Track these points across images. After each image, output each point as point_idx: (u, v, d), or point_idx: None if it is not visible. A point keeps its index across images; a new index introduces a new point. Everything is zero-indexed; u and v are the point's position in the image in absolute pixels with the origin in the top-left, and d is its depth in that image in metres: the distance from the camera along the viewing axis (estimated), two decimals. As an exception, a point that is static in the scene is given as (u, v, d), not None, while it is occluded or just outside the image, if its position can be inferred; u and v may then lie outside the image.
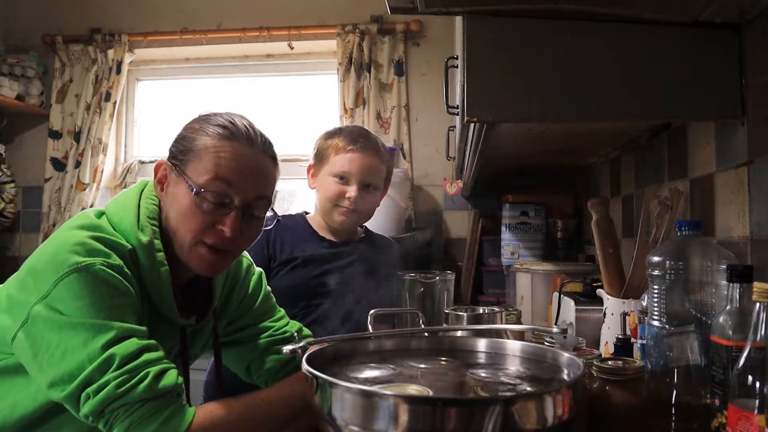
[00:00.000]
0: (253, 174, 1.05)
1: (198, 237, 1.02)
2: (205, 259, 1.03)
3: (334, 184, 1.60)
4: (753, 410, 0.75)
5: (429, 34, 3.04)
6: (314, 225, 1.68)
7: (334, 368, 0.94)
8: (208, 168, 1.01)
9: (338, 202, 1.60)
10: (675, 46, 1.14)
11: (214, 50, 3.20)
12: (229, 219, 1.02)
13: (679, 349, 0.99)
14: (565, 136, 1.64)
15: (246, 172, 1.04)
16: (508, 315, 1.59)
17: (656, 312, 1.05)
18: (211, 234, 1.02)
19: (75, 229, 0.98)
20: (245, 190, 1.03)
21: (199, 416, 0.93)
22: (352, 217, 1.62)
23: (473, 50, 1.13)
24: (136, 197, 1.06)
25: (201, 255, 1.03)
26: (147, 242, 1.01)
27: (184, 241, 1.03)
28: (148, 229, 1.02)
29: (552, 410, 0.76)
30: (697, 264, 1.03)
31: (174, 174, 1.05)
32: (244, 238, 1.07)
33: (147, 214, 1.04)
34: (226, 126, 1.05)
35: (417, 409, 0.74)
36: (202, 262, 1.04)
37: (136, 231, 1.01)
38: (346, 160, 1.60)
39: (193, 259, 1.04)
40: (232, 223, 1.02)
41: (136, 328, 0.94)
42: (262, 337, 1.25)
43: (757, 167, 1.08)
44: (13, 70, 3.13)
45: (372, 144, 1.63)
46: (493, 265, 2.75)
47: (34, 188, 3.21)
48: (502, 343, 1.08)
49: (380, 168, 1.65)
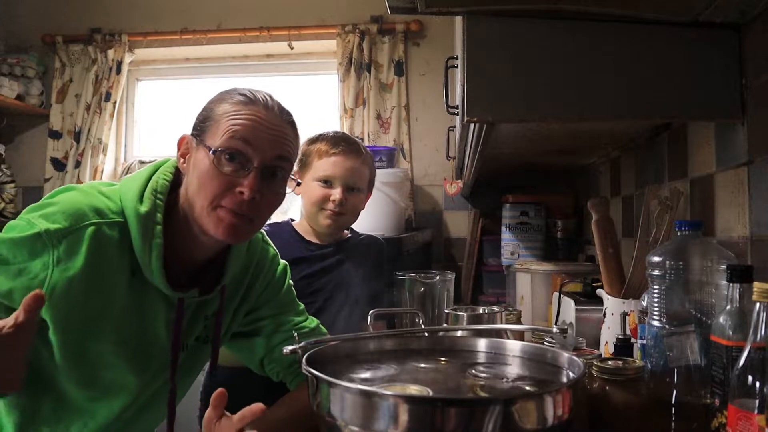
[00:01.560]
0: (271, 134, 1.03)
1: (216, 200, 1.00)
2: (223, 222, 1.01)
3: (318, 188, 1.62)
4: (753, 410, 0.75)
5: (429, 34, 3.04)
6: (300, 230, 1.69)
7: (334, 368, 0.94)
8: (225, 129, 1.01)
9: (323, 206, 1.62)
10: (675, 46, 1.14)
11: (214, 50, 3.20)
12: (247, 180, 1.00)
13: (679, 349, 0.99)
14: (565, 136, 1.64)
15: (264, 132, 1.02)
16: (508, 315, 1.59)
17: (656, 312, 1.05)
18: (230, 197, 1.00)
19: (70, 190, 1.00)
20: (264, 150, 1.02)
21: None
22: (337, 220, 1.64)
23: (473, 50, 1.13)
24: (149, 171, 1.07)
25: (219, 218, 1.01)
26: (144, 213, 1.00)
27: (203, 207, 1.01)
28: (149, 201, 1.01)
29: (552, 410, 0.76)
30: (697, 264, 1.03)
31: (194, 144, 1.05)
32: (265, 202, 1.04)
33: (154, 187, 1.03)
34: (245, 93, 1.05)
35: (417, 409, 0.74)
36: (221, 226, 1.01)
37: (136, 202, 1.00)
38: (329, 164, 1.62)
39: (212, 224, 1.01)
40: (250, 184, 1.00)
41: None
42: (281, 330, 1.24)
43: (757, 167, 1.08)
44: (13, 70, 3.13)
45: (354, 147, 1.66)
46: (493, 265, 2.75)
47: (34, 188, 3.21)
48: (502, 343, 1.08)
49: (363, 170, 1.67)
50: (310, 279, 1.61)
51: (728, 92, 1.13)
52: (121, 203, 1.02)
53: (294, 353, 0.92)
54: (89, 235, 0.95)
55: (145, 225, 0.99)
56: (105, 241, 0.97)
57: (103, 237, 0.97)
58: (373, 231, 1.92)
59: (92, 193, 1.02)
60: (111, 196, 1.03)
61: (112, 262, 0.98)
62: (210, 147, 1.01)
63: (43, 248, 0.93)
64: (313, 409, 0.84)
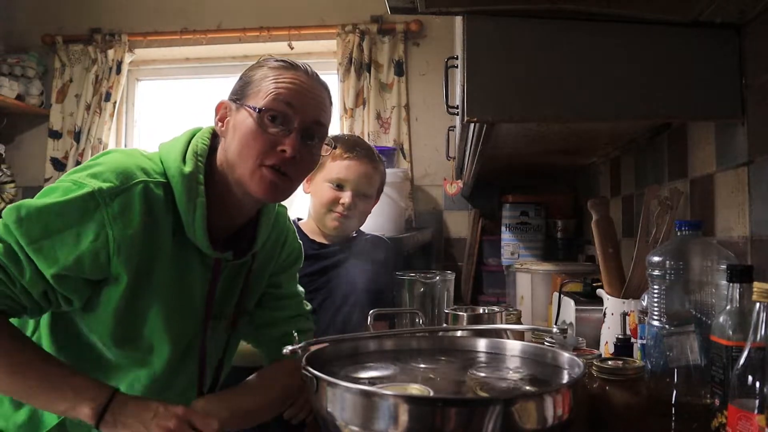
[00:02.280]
0: (312, 99, 1.08)
1: (260, 159, 1.04)
2: (266, 180, 1.05)
3: (329, 190, 1.63)
4: (753, 410, 0.75)
5: (429, 34, 3.04)
6: (306, 229, 1.70)
7: (334, 368, 0.94)
8: (268, 91, 1.05)
9: (332, 208, 1.63)
10: (675, 46, 1.14)
11: (214, 50, 3.20)
12: (289, 139, 1.04)
13: (679, 349, 0.99)
14: (565, 136, 1.64)
15: (305, 95, 1.07)
16: (508, 315, 1.59)
17: (656, 312, 1.05)
18: (273, 155, 1.04)
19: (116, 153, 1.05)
20: (305, 112, 1.06)
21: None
22: (344, 222, 1.65)
23: (473, 50, 1.13)
24: (188, 136, 1.11)
25: (263, 176, 1.05)
26: (188, 173, 1.03)
27: (247, 165, 1.05)
28: (192, 162, 1.05)
29: (552, 410, 0.76)
30: (697, 264, 1.03)
31: (234, 107, 1.09)
32: (303, 163, 1.08)
33: (195, 150, 1.07)
34: (285, 60, 1.11)
35: (417, 409, 0.74)
36: (263, 184, 1.05)
37: (180, 163, 1.04)
38: (342, 167, 1.63)
39: (255, 182, 1.05)
40: (292, 143, 1.04)
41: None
42: (283, 317, 1.32)
43: (757, 167, 1.08)
44: (13, 70, 3.13)
45: (369, 153, 1.68)
46: (493, 265, 2.75)
47: (34, 188, 3.20)
48: (502, 343, 1.08)
49: (375, 177, 1.70)
50: (313, 277, 1.61)
51: (728, 92, 1.13)
52: (163, 165, 1.05)
53: (294, 353, 0.92)
54: (139, 192, 0.98)
55: (190, 185, 1.03)
56: (153, 199, 1.01)
57: (151, 195, 1.00)
58: (373, 231, 1.92)
59: (135, 154, 1.06)
60: (152, 158, 1.07)
61: (159, 220, 1.02)
62: (254, 107, 1.04)
63: (96, 208, 0.95)
64: (313, 409, 0.84)
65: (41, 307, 1.00)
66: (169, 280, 1.05)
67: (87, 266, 0.96)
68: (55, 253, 0.94)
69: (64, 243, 0.94)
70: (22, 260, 0.94)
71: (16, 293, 0.96)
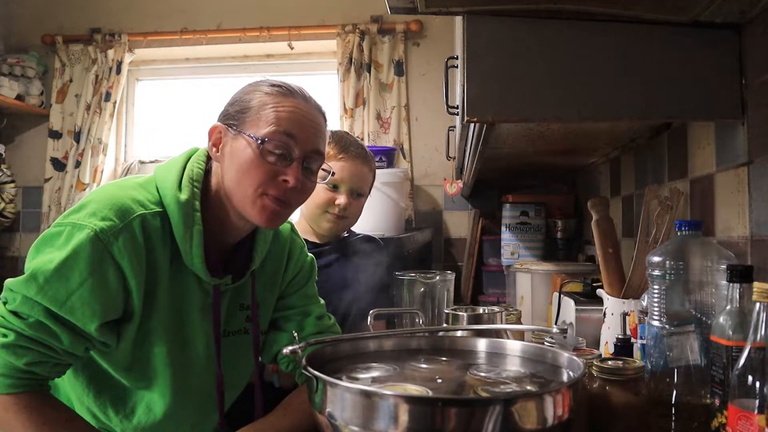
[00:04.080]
0: (311, 128, 1.08)
1: (262, 188, 1.04)
2: (268, 210, 1.05)
3: (323, 191, 1.62)
4: (753, 410, 0.75)
5: (429, 34, 3.04)
6: (298, 228, 1.69)
7: (334, 368, 0.94)
8: (269, 121, 1.04)
9: (327, 209, 1.62)
10: (675, 46, 1.14)
11: (214, 50, 3.20)
12: (291, 170, 1.05)
13: (679, 349, 0.99)
14: (565, 136, 1.64)
15: (305, 125, 1.07)
16: (508, 315, 1.59)
17: (656, 312, 1.05)
18: (274, 185, 1.05)
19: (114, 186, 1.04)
20: (305, 143, 1.06)
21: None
22: (340, 223, 1.65)
23: (473, 50, 1.13)
24: (183, 160, 1.10)
25: (264, 206, 1.05)
26: (185, 201, 1.03)
27: (246, 194, 1.05)
28: (188, 189, 1.05)
29: (552, 410, 0.76)
30: (697, 264, 1.03)
31: (231, 133, 1.08)
32: (303, 191, 1.10)
33: (190, 176, 1.07)
34: (281, 85, 1.09)
35: (417, 409, 0.74)
36: (265, 213, 1.05)
37: (176, 190, 1.04)
38: (337, 168, 1.61)
39: (257, 212, 1.05)
40: (294, 173, 1.05)
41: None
42: (307, 323, 1.27)
43: (757, 167, 1.08)
44: (13, 70, 3.13)
45: (362, 152, 1.67)
46: (493, 265, 2.75)
47: (34, 188, 3.22)
48: (502, 343, 1.08)
49: (369, 176, 1.69)
50: None
51: (728, 92, 1.13)
52: (159, 192, 1.05)
53: (294, 353, 0.92)
54: (138, 226, 0.99)
55: (186, 212, 1.03)
56: (150, 229, 1.01)
57: (149, 226, 1.01)
58: (373, 231, 1.92)
59: (127, 185, 1.05)
60: (147, 185, 1.06)
61: (158, 249, 1.02)
62: (254, 137, 1.04)
63: (104, 249, 0.95)
64: (314, 409, 0.84)
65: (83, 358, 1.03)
66: (168, 306, 1.06)
67: (118, 307, 0.98)
68: (91, 306, 0.94)
69: (93, 293, 0.94)
70: (56, 327, 0.94)
71: (61, 358, 0.98)
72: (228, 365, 1.16)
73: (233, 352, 1.18)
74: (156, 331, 1.05)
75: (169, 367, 1.08)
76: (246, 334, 1.20)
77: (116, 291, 0.97)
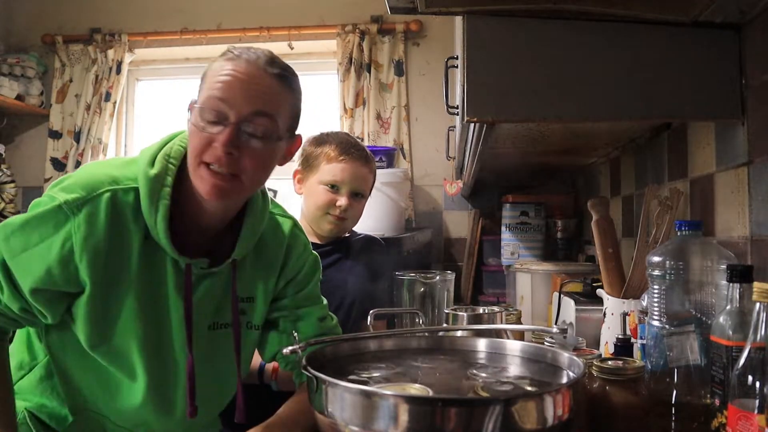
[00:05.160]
0: (248, 89, 1.01)
1: (199, 157, 1.01)
2: (206, 181, 1.01)
3: (324, 193, 1.62)
4: (753, 410, 0.75)
5: (429, 34, 3.04)
6: None
7: (334, 368, 0.94)
8: (209, 87, 1.02)
9: (329, 211, 1.62)
10: (675, 46, 1.14)
11: (214, 50, 3.19)
12: (221, 135, 0.99)
13: (679, 349, 0.99)
14: (565, 136, 1.64)
15: (240, 86, 1.01)
16: (508, 315, 1.59)
17: (656, 312, 1.05)
18: (209, 153, 1.00)
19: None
20: (239, 106, 1.00)
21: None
22: (341, 225, 1.64)
23: (473, 50, 1.13)
24: (167, 139, 1.10)
25: (202, 176, 1.02)
26: (153, 175, 1.02)
27: (191, 165, 1.03)
28: (160, 164, 1.04)
29: (552, 410, 0.76)
30: (697, 264, 1.03)
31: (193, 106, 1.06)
32: (248, 159, 1.02)
33: (167, 153, 1.06)
34: (231, 50, 1.05)
35: (417, 409, 0.74)
36: (204, 184, 1.02)
37: (147, 166, 1.04)
38: (338, 170, 1.62)
39: (198, 183, 1.02)
40: (222, 139, 0.99)
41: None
42: (304, 321, 1.24)
43: (757, 167, 1.08)
44: (13, 70, 3.13)
45: (362, 154, 1.67)
46: (493, 265, 2.75)
47: (34, 188, 3.21)
48: (502, 343, 1.08)
49: (369, 177, 1.69)
50: None
51: (728, 92, 1.13)
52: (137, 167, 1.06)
53: (294, 353, 0.92)
54: (105, 201, 0.99)
55: (153, 187, 1.02)
56: (121, 205, 1.01)
57: (119, 202, 1.01)
58: (373, 231, 1.92)
59: (111, 162, 1.07)
60: (129, 164, 1.07)
61: (129, 225, 1.02)
62: (192, 107, 1.03)
63: (65, 219, 0.97)
64: (314, 409, 0.84)
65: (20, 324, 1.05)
66: (140, 286, 1.04)
67: (58, 277, 0.98)
68: (31, 266, 0.98)
69: (41, 257, 0.98)
70: (2, 276, 0.99)
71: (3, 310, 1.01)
72: (213, 357, 1.14)
73: (222, 344, 1.15)
74: (124, 308, 1.04)
75: (144, 350, 1.07)
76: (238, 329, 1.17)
77: (58, 261, 0.97)
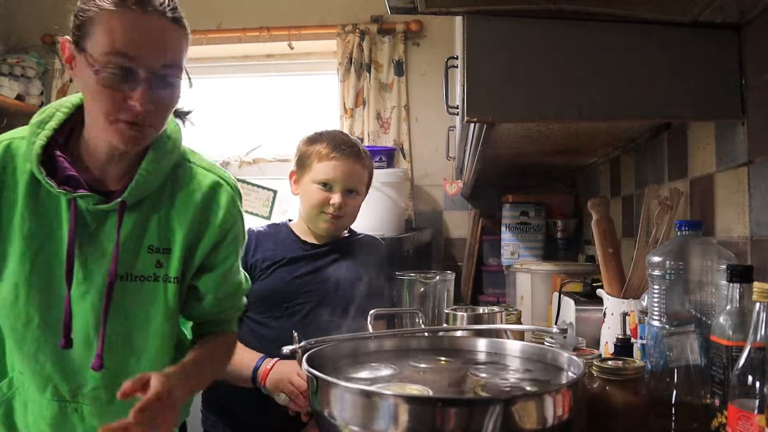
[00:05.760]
0: (154, 43, 0.99)
1: (113, 116, 0.99)
2: (125, 135, 1.00)
3: (317, 192, 1.61)
4: (753, 410, 0.75)
5: (429, 34, 3.04)
6: (297, 231, 1.68)
7: (334, 368, 0.94)
8: (104, 42, 0.97)
9: (323, 209, 1.61)
10: (675, 46, 1.14)
11: (214, 50, 3.20)
12: (137, 93, 0.97)
13: (679, 349, 0.99)
14: (565, 136, 1.64)
15: (145, 41, 0.98)
16: (508, 315, 1.59)
17: (656, 312, 1.05)
18: (124, 111, 0.98)
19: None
20: (149, 61, 0.98)
21: None
22: (336, 223, 1.64)
23: (473, 50, 1.13)
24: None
25: (120, 131, 1.00)
26: (37, 121, 1.08)
27: (99, 122, 1.01)
28: (49, 110, 1.10)
29: (552, 410, 0.76)
30: (697, 264, 1.03)
31: (75, 52, 1.02)
32: (161, 108, 1.02)
33: (66, 100, 1.12)
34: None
35: (417, 409, 0.74)
36: (123, 138, 1.01)
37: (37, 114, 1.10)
38: (329, 168, 1.61)
39: (114, 137, 1.01)
40: (141, 97, 0.97)
41: None
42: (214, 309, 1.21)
43: (757, 167, 1.08)
44: (13, 70, 3.12)
45: (354, 150, 1.65)
46: (493, 265, 2.75)
47: (34, 188, 3.21)
48: (502, 343, 1.08)
49: (363, 173, 1.67)
50: (306, 278, 1.60)
51: (728, 92, 1.13)
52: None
53: (293, 353, 0.93)
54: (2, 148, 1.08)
55: (33, 130, 1.08)
56: (13, 152, 1.08)
57: (13, 148, 1.08)
58: (373, 231, 1.91)
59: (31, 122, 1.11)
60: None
61: (17, 169, 1.07)
62: (92, 64, 0.98)
63: None
64: (314, 409, 0.84)
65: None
66: (30, 229, 1.06)
67: None
68: None
69: None
70: None
71: None
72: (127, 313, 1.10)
73: (137, 299, 1.10)
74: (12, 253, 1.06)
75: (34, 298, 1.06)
76: (155, 282, 1.11)
77: None
